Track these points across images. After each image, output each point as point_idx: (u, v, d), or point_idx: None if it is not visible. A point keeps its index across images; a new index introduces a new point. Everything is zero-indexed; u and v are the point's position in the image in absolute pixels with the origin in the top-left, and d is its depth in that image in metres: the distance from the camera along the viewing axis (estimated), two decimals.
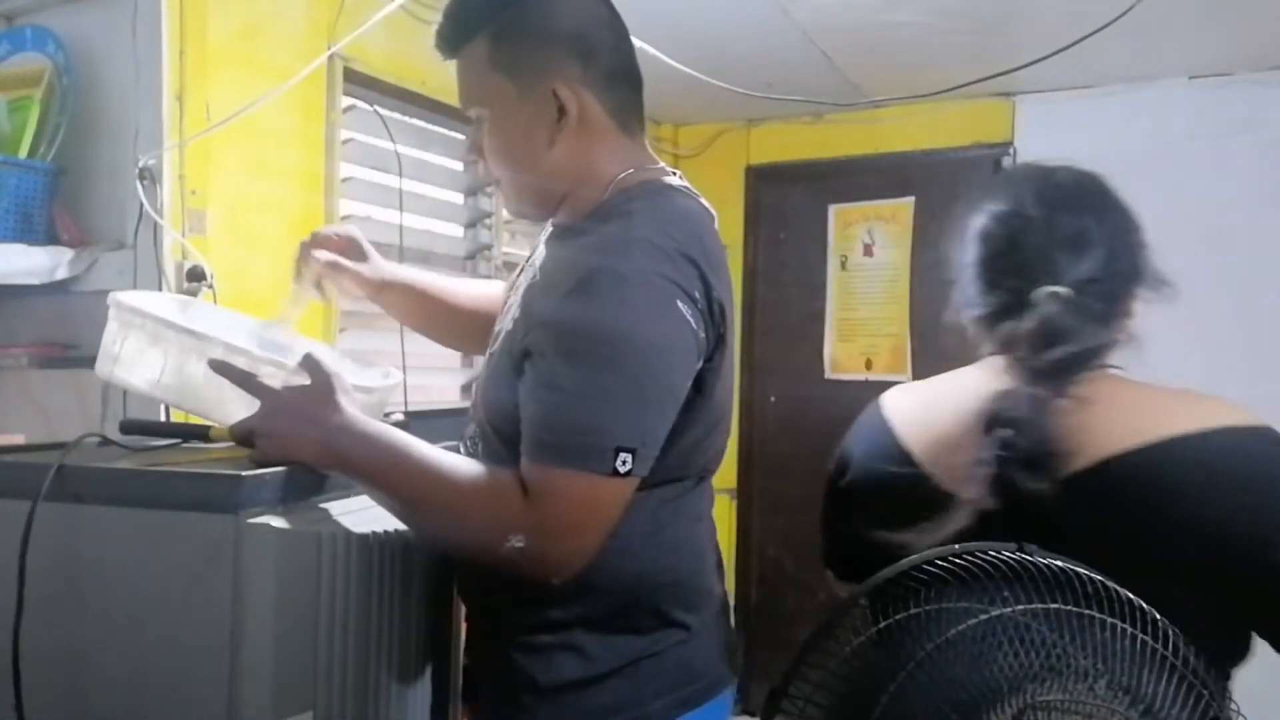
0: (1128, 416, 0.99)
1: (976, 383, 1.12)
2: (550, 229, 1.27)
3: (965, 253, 1.22)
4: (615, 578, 1.12)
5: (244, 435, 1.10)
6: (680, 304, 1.03)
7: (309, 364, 1.11)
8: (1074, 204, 1.16)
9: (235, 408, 1.12)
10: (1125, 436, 0.96)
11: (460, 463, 1.09)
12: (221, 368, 1.12)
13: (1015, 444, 0.95)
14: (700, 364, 1.08)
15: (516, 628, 1.15)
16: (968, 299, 1.22)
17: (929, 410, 1.19)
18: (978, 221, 1.18)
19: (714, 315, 1.09)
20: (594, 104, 1.15)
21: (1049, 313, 1.04)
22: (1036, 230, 1.11)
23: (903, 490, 1.09)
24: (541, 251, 1.26)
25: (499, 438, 1.14)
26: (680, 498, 1.17)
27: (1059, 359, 0.99)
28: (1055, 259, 1.09)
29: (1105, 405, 0.99)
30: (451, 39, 1.23)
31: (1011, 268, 1.12)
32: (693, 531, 1.20)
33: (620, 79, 1.18)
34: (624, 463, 1.01)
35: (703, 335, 1.06)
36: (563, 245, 1.18)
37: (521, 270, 1.31)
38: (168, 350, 1.20)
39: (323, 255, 1.37)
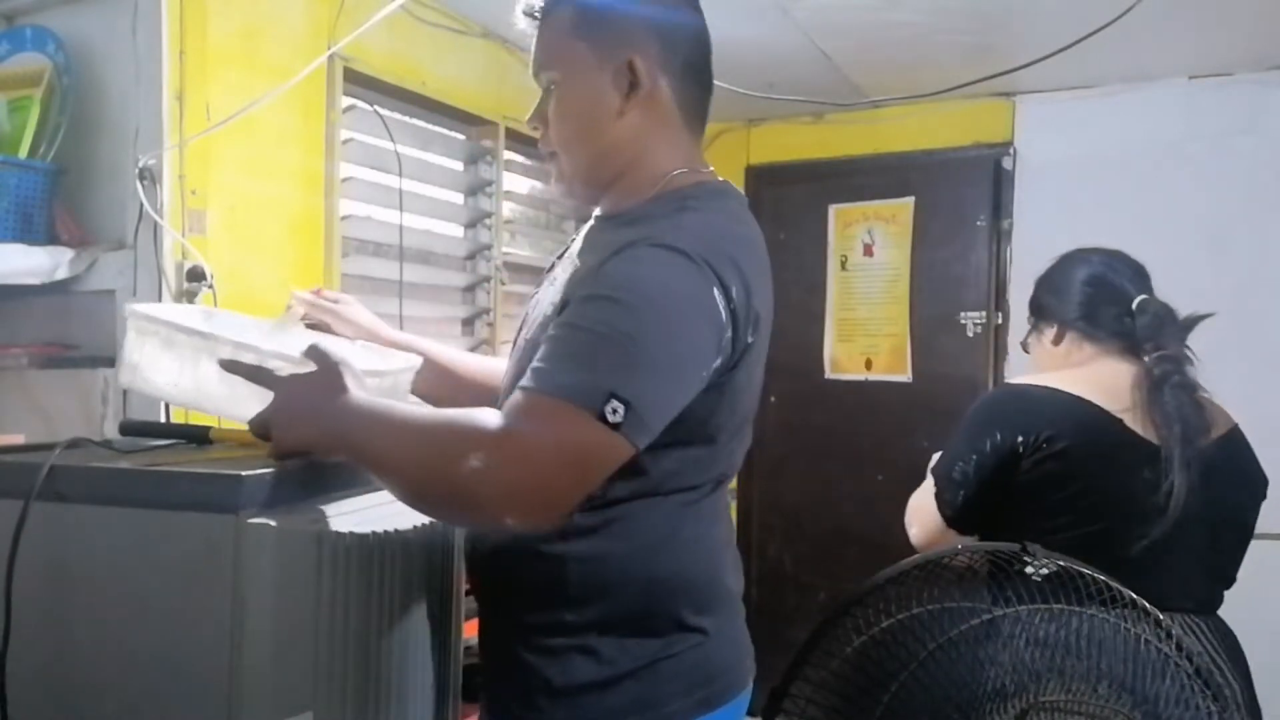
0: (1213, 404, 1.55)
1: (1111, 370, 1.54)
2: (592, 222, 1.26)
3: (1066, 289, 1.65)
4: (630, 581, 1.11)
5: (260, 427, 1.09)
6: (716, 291, 1.02)
7: (314, 353, 1.11)
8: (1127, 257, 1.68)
9: (251, 405, 1.12)
10: (1223, 418, 1.55)
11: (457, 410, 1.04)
12: (231, 365, 1.13)
13: (1183, 386, 1.46)
14: (719, 361, 1.05)
15: (531, 629, 1.15)
16: (1077, 314, 1.62)
17: (1094, 387, 1.51)
18: (1077, 267, 1.65)
19: (748, 320, 1.07)
20: (666, 88, 1.15)
21: (1161, 307, 1.54)
22: (1120, 270, 1.62)
23: (1122, 445, 1.45)
24: (579, 244, 1.25)
25: None
26: (698, 502, 1.15)
27: (1181, 328, 1.52)
28: (1134, 286, 1.60)
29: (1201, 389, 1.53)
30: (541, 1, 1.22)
31: (1113, 291, 1.60)
32: (710, 533, 1.18)
33: (694, 76, 1.18)
34: (614, 411, 0.94)
35: (729, 334, 1.04)
36: (609, 231, 1.17)
37: (553, 266, 1.30)
38: (181, 354, 1.22)
39: (304, 294, 1.38)
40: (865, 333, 3.34)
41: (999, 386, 1.67)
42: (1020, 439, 1.46)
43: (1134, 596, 0.87)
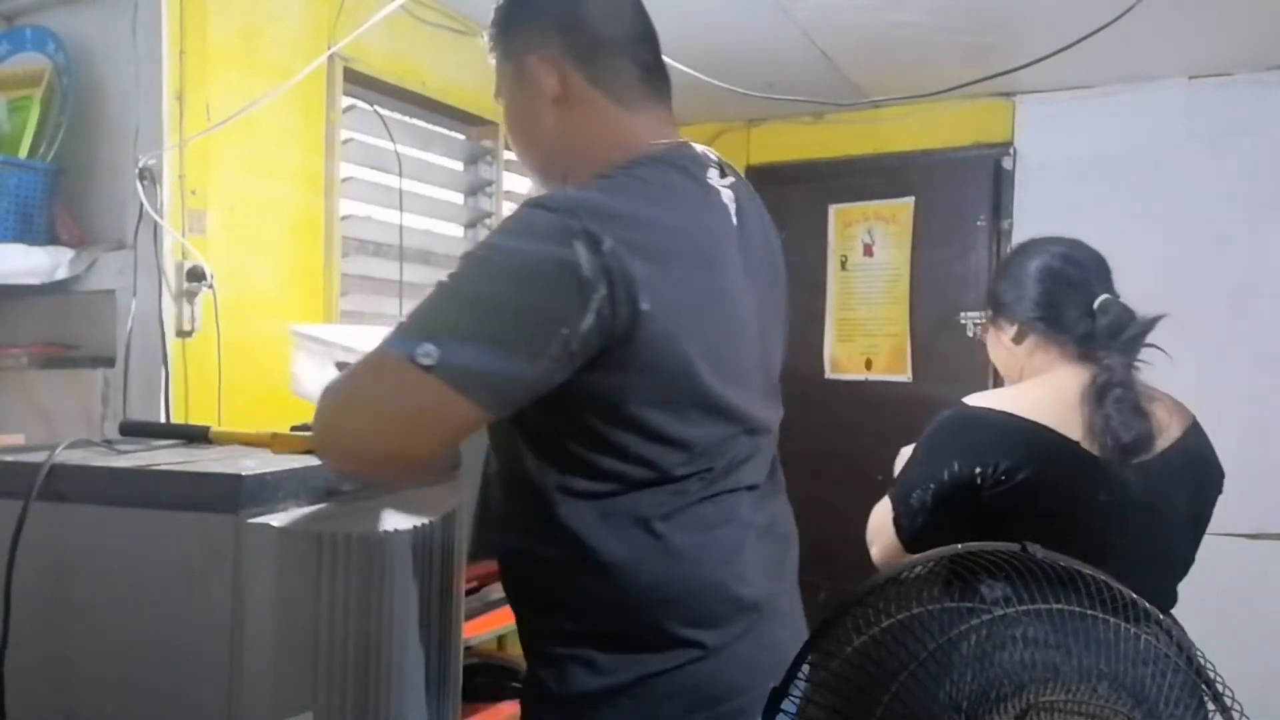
0: (1170, 405, 1.48)
1: (1067, 380, 1.47)
2: None
3: (1026, 284, 1.54)
4: (617, 590, 1.07)
5: None
6: (579, 244, 0.95)
7: None
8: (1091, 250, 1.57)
9: None
10: (1179, 420, 1.48)
11: None
12: (342, 365, 1.24)
13: (1124, 400, 1.39)
14: (590, 320, 0.96)
15: (537, 635, 1.14)
16: (1037, 313, 1.53)
17: (1051, 406, 1.46)
18: (1037, 262, 1.54)
19: (632, 281, 0.97)
20: (576, 76, 1.13)
21: (1119, 309, 1.46)
22: (1082, 264, 1.53)
23: (1080, 468, 1.41)
24: None
25: None
26: (686, 508, 1.10)
27: (1134, 336, 1.44)
28: (1096, 281, 1.51)
29: (1154, 394, 1.46)
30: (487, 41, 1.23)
31: (1073, 287, 1.51)
32: (711, 540, 1.11)
33: (610, 51, 1.14)
34: (426, 355, 0.94)
35: (603, 292, 0.96)
36: None
37: None
38: (320, 361, 1.38)
39: None
40: (865, 333, 3.34)
41: (956, 409, 1.53)
42: (979, 470, 1.42)
43: (1134, 596, 0.87)
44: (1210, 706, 0.87)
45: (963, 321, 3.19)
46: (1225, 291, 2.73)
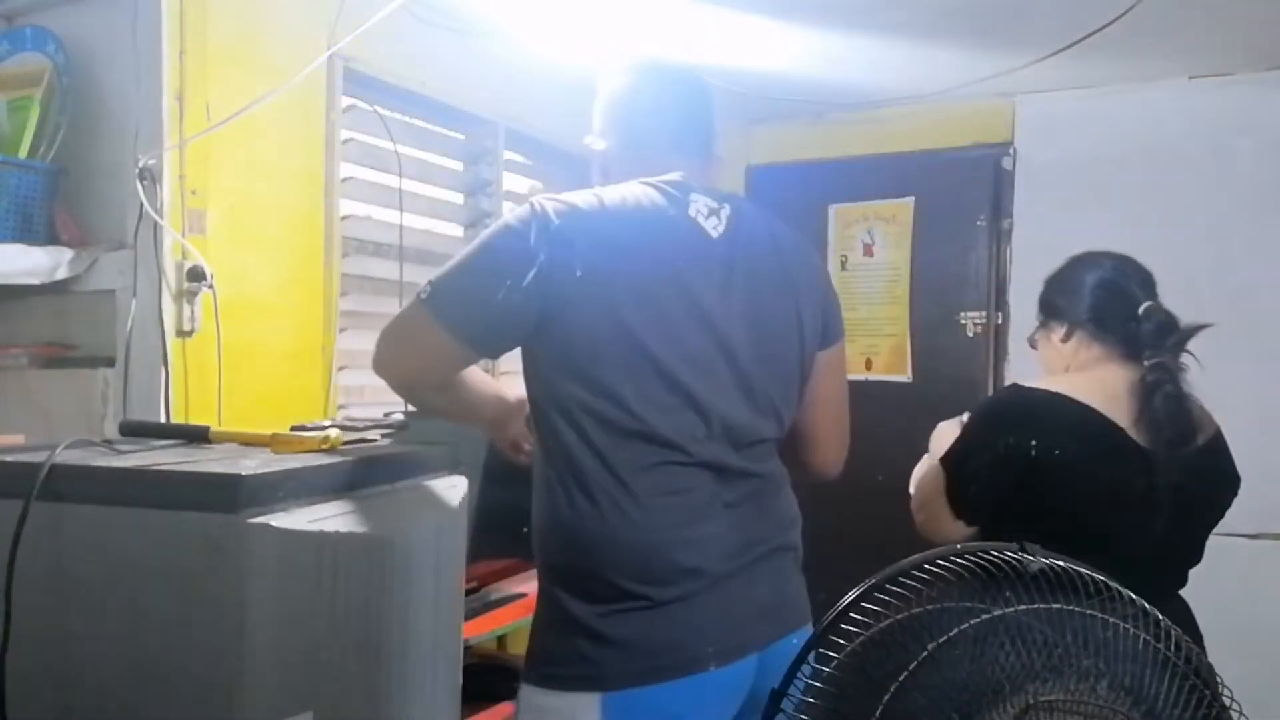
0: (1202, 407, 1.61)
1: (1114, 375, 1.60)
2: None
3: (1080, 291, 1.69)
4: (565, 538, 1.28)
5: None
6: (534, 224, 1.26)
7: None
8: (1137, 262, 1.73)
9: None
10: (1209, 422, 1.62)
11: None
12: None
13: (1173, 395, 1.52)
14: (530, 276, 1.24)
15: (539, 568, 1.35)
16: (1087, 315, 1.67)
17: (1099, 394, 1.57)
18: (1092, 273, 1.70)
19: (574, 259, 1.24)
20: (615, 144, 1.54)
21: (1164, 315, 1.60)
22: (1130, 275, 1.67)
23: (1123, 453, 1.53)
24: None
25: None
26: (640, 473, 1.27)
27: (1178, 340, 1.57)
28: (1141, 291, 1.65)
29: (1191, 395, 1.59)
30: None
31: (1122, 296, 1.65)
32: (659, 506, 1.27)
33: (639, 120, 1.50)
34: (423, 292, 1.29)
35: (542, 257, 1.24)
36: None
37: None
38: None
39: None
40: (865, 333, 3.34)
41: (1011, 388, 1.68)
42: (1033, 443, 1.54)
43: (1133, 596, 0.87)
44: (1210, 706, 0.87)
45: (963, 321, 3.19)
46: (1225, 291, 2.73)
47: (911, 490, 1.80)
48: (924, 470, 1.77)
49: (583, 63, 2.77)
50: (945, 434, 1.80)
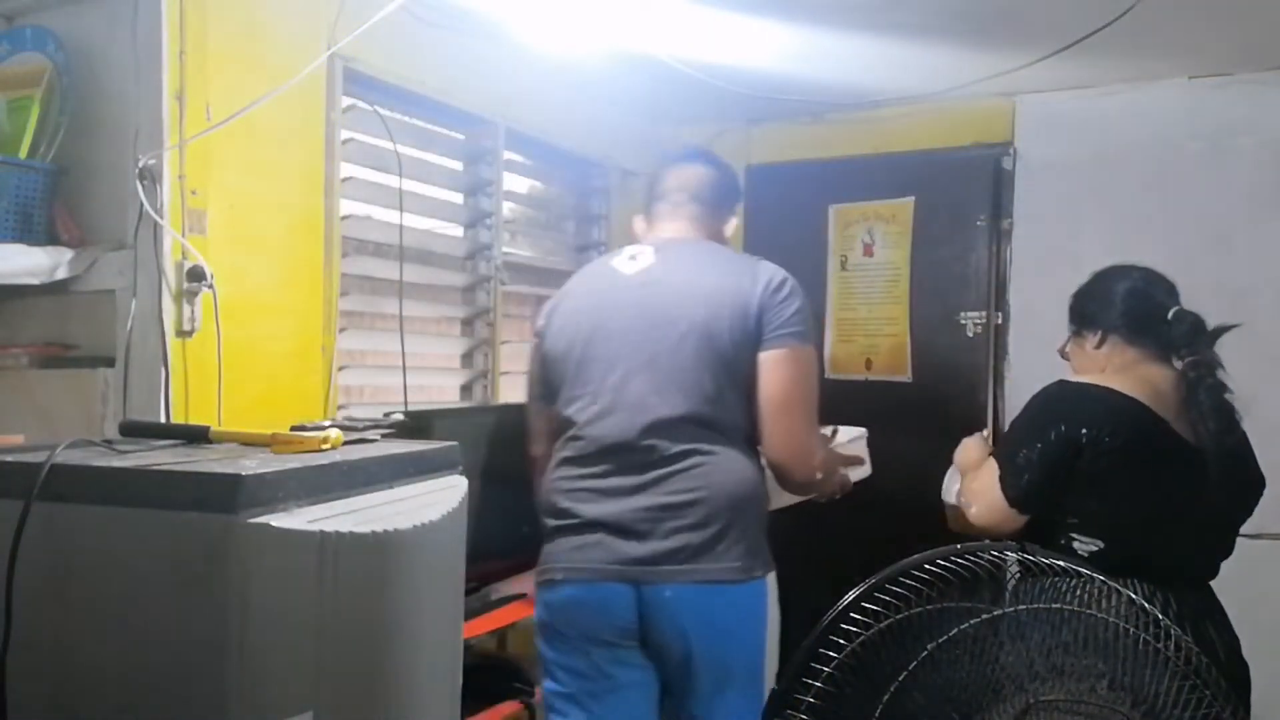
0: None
1: (1153, 374, 1.72)
2: None
3: (1112, 300, 1.81)
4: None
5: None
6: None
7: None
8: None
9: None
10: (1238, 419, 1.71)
11: None
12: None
13: (1215, 389, 1.63)
14: (536, 352, 1.97)
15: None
16: (1121, 321, 1.79)
17: (1143, 390, 1.67)
18: (1122, 283, 1.82)
19: (547, 325, 1.93)
20: (644, 211, 2.06)
21: (1195, 318, 1.73)
22: (1157, 283, 1.81)
23: (1169, 445, 1.64)
24: None
25: None
26: (566, 442, 1.84)
27: (1209, 339, 1.70)
28: (1168, 298, 1.79)
29: None
30: None
31: (1151, 302, 1.78)
32: (566, 466, 1.83)
33: (652, 194, 2.04)
34: None
35: (535, 341, 1.97)
36: None
37: None
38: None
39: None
40: (865, 333, 3.33)
41: (1059, 382, 1.75)
42: (1084, 432, 1.62)
43: (1132, 596, 0.87)
44: (1210, 706, 0.87)
45: (963, 321, 3.19)
46: (1225, 291, 2.72)
47: (948, 495, 1.88)
48: (966, 471, 1.86)
49: (583, 63, 2.77)
50: (970, 448, 1.92)
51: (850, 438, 2.23)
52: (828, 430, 2.12)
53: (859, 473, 2.16)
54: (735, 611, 1.74)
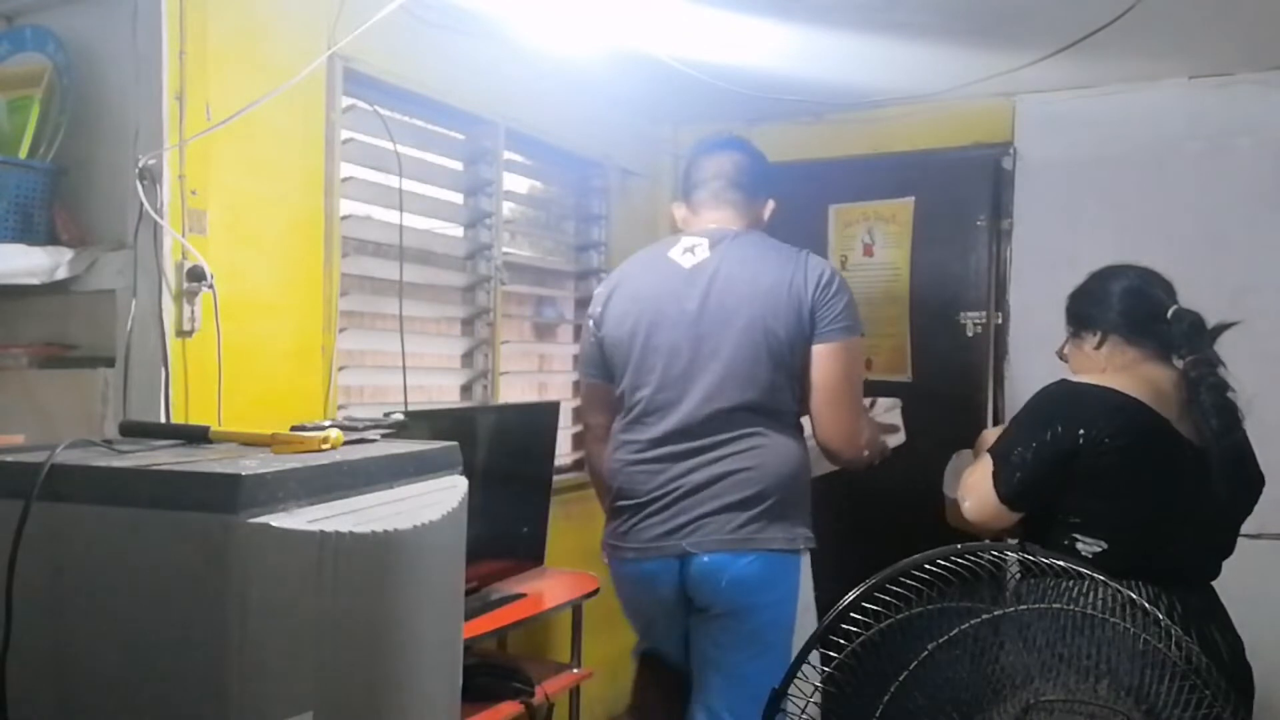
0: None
1: (1155, 374, 1.71)
2: None
3: (1109, 300, 1.80)
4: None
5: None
6: (593, 300, 2.12)
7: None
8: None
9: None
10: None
11: None
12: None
13: (1217, 387, 1.62)
14: (594, 337, 2.09)
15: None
16: (1120, 320, 1.78)
17: (1144, 390, 1.66)
18: (1117, 283, 1.81)
19: (603, 315, 2.06)
20: (682, 203, 2.15)
21: (1195, 316, 1.71)
22: (1154, 282, 1.79)
23: (1170, 445, 1.62)
24: None
25: None
26: (623, 423, 2.04)
27: (1209, 337, 1.69)
28: (1167, 297, 1.77)
29: None
30: None
31: (1150, 301, 1.76)
32: (622, 447, 2.03)
33: (689, 184, 2.13)
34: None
35: (591, 321, 2.10)
36: None
37: None
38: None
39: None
40: (865, 332, 3.33)
41: (1059, 382, 1.73)
42: (1081, 433, 1.61)
43: (1132, 596, 0.87)
44: (1210, 706, 0.87)
45: (963, 321, 3.19)
46: (1225, 291, 2.72)
47: (947, 485, 1.89)
48: (967, 462, 1.87)
49: (583, 63, 2.77)
50: (987, 439, 1.89)
51: (887, 408, 2.36)
52: (867, 401, 2.22)
53: (895, 439, 2.28)
54: (767, 581, 1.90)
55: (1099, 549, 1.59)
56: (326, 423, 1.45)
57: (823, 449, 1.98)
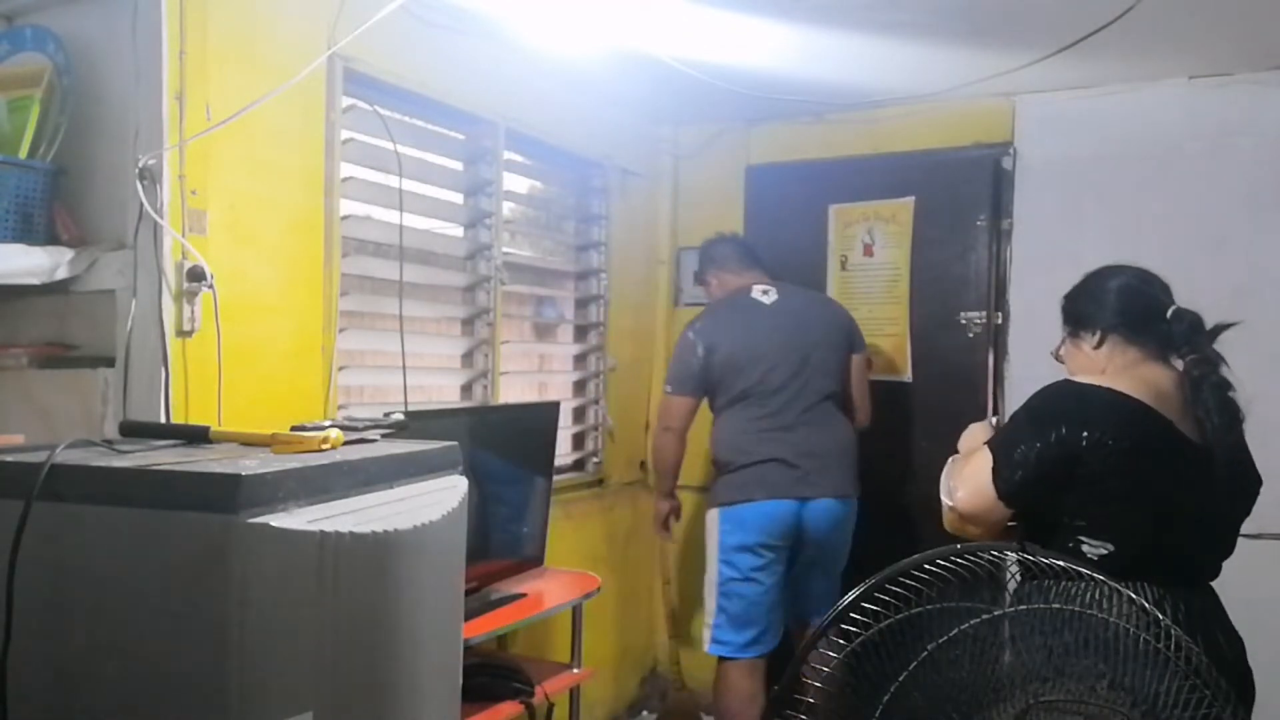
0: None
1: (1156, 374, 1.70)
2: None
3: (1107, 299, 1.78)
4: (714, 444, 2.92)
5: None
6: (693, 334, 2.93)
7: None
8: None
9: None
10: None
11: None
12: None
13: (1219, 386, 1.61)
14: (700, 355, 2.88)
15: None
16: (1118, 320, 1.76)
17: (1147, 391, 1.65)
18: (1115, 281, 1.80)
19: (711, 348, 2.87)
20: (717, 273, 3.11)
21: (1194, 316, 1.70)
22: (1152, 282, 1.79)
23: (1174, 446, 1.62)
24: None
25: None
26: (728, 408, 2.87)
27: (1209, 337, 1.68)
28: (1165, 296, 1.76)
29: None
30: None
31: (1148, 300, 1.76)
32: (740, 422, 2.84)
33: (727, 255, 3.11)
34: (667, 389, 2.97)
35: (700, 351, 2.88)
36: None
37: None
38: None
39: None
40: (865, 332, 3.32)
41: (1062, 382, 1.72)
42: (1085, 435, 1.60)
43: (1132, 596, 0.87)
44: (1210, 706, 0.87)
45: (963, 321, 3.19)
46: (1225, 291, 2.72)
47: (944, 484, 1.86)
48: (963, 458, 1.84)
49: (583, 63, 2.77)
50: (976, 434, 1.89)
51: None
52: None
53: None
54: (850, 517, 2.84)
55: (1105, 551, 1.58)
56: (326, 423, 1.45)
57: (854, 423, 2.94)
